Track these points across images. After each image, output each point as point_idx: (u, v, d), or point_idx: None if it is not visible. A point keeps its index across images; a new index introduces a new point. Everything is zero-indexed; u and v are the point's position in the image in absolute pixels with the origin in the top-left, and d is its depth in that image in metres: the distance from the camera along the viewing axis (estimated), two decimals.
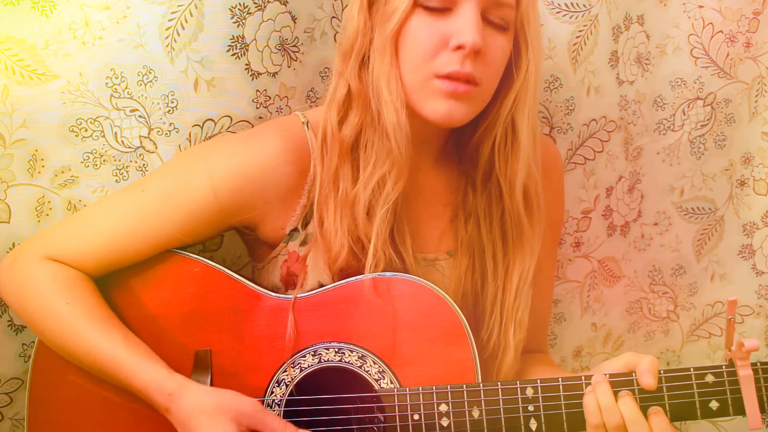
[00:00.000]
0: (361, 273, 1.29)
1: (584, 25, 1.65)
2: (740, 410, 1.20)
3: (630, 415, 1.17)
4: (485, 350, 1.35)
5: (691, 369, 1.22)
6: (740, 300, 1.89)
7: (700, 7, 1.75)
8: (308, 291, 1.32)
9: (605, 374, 1.21)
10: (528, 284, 1.38)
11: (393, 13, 1.23)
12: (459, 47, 1.22)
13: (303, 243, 1.34)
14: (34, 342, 1.34)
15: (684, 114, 1.80)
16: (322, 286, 1.32)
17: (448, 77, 1.23)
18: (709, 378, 1.21)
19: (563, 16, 1.64)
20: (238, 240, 1.51)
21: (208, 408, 1.22)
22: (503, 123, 1.32)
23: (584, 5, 1.64)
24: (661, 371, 1.21)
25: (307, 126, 1.35)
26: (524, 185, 1.34)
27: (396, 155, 1.27)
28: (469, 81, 1.24)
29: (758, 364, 1.21)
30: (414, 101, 1.27)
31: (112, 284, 1.33)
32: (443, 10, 1.23)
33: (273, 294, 1.31)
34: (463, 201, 1.40)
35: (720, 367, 1.22)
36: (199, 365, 1.29)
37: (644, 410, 1.19)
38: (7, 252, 1.39)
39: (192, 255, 1.33)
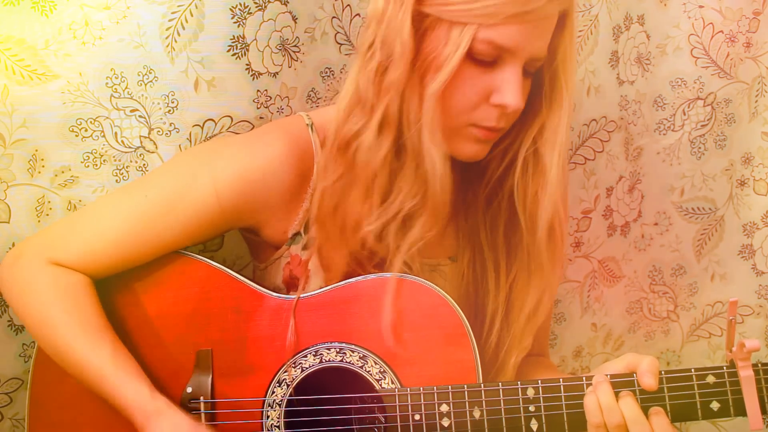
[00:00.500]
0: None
1: (584, 25, 1.65)
2: (741, 411, 1.20)
3: (631, 414, 1.17)
4: (486, 353, 1.35)
5: (692, 370, 1.21)
6: (740, 300, 1.89)
7: (701, 7, 1.75)
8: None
9: (606, 375, 1.20)
10: (540, 317, 1.37)
11: (444, 62, 1.19)
12: (501, 106, 1.22)
13: (305, 247, 1.34)
14: (34, 342, 1.33)
15: (684, 114, 1.80)
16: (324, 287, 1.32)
17: (485, 128, 1.25)
18: (710, 379, 1.21)
19: None
20: (238, 240, 1.50)
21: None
22: (526, 151, 1.30)
23: (584, 5, 1.64)
24: (662, 372, 1.21)
25: (312, 128, 1.34)
26: (550, 221, 1.32)
27: (438, 205, 1.26)
28: (498, 131, 1.27)
29: (759, 364, 1.21)
30: (444, 139, 1.25)
31: (114, 284, 1.33)
32: (490, 63, 1.22)
33: (275, 294, 1.31)
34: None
35: (721, 367, 1.22)
36: (200, 365, 1.29)
37: (645, 411, 1.19)
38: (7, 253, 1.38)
39: (194, 255, 1.33)
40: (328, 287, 1.30)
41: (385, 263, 1.29)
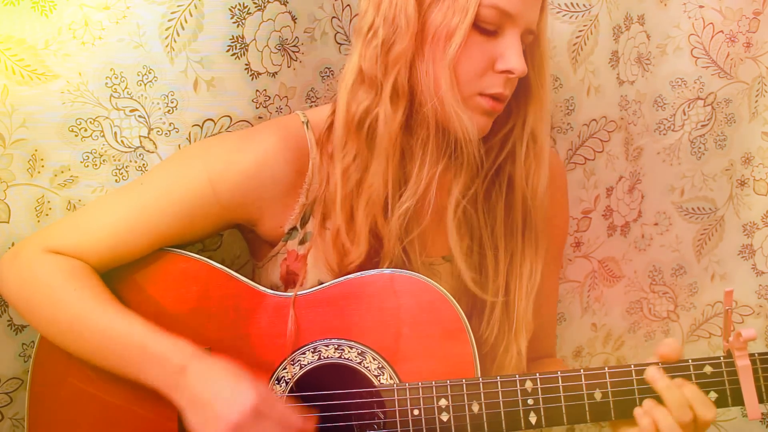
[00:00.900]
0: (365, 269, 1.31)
1: (584, 25, 1.65)
2: (739, 401, 1.21)
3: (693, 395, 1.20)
4: (485, 345, 1.36)
5: (690, 361, 1.22)
6: (740, 300, 1.89)
7: (701, 7, 1.75)
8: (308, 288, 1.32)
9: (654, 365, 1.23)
10: (535, 289, 1.40)
11: (454, 31, 1.25)
12: (507, 71, 1.26)
13: (302, 242, 1.35)
14: (34, 342, 1.33)
15: (684, 114, 1.80)
16: (321, 283, 1.32)
17: (491, 96, 1.28)
18: (708, 369, 1.22)
19: (563, 16, 1.64)
20: (237, 239, 1.51)
21: (229, 368, 1.21)
22: (525, 134, 1.36)
23: (584, 5, 1.64)
24: (660, 364, 1.23)
25: (307, 126, 1.35)
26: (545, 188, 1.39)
27: (473, 163, 1.31)
28: (502, 100, 1.30)
29: (756, 355, 1.22)
30: None
31: (112, 283, 1.32)
32: (493, 33, 1.27)
33: (273, 292, 1.32)
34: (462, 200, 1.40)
35: (718, 358, 1.23)
36: None
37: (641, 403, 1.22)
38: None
39: (192, 254, 1.33)
40: (326, 284, 1.31)
41: (385, 256, 1.31)
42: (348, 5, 1.56)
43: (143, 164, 1.42)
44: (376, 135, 1.28)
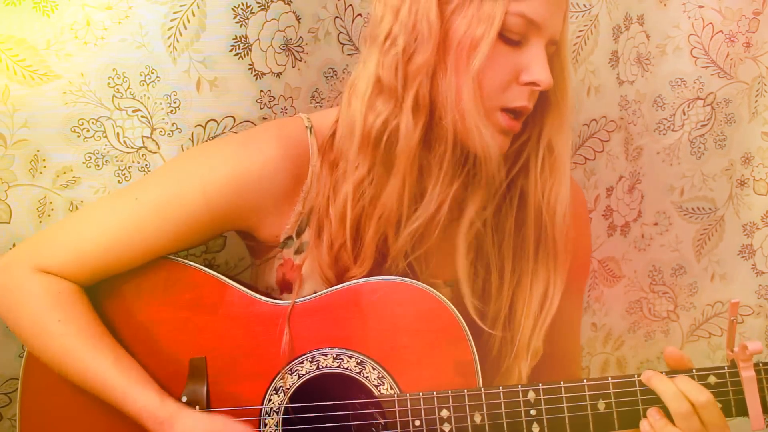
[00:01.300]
0: None
1: (584, 25, 1.65)
2: (743, 411, 1.20)
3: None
4: (489, 356, 1.34)
5: (694, 370, 1.21)
6: (740, 300, 1.89)
7: (700, 7, 1.76)
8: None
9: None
10: (550, 317, 1.35)
11: (479, 41, 1.19)
12: (533, 83, 1.22)
13: (297, 251, 1.33)
14: None
15: (684, 114, 1.80)
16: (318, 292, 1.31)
17: (513, 111, 1.24)
18: (712, 379, 1.21)
19: None
20: (240, 242, 1.50)
21: (213, 424, 1.21)
22: (541, 146, 1.30)
23: (584, 5, 1.64)
24: (664, 372, 1.22)
25: (311, 131, 1.32)
26: (564, 209, 1.32)
27: (492, 182, 1.26)
28: (523, 115, 1.26)
29: (760, 365, 1.21)
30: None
31: (104, 292, 1.31)
32: (517, 43, 1.22)
33: (269, 300, 1.29)
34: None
35: (722, 368, 1.22)
36: (194, 373, 1.27)
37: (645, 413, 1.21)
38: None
39: (187, 261, 1.31)
40: (323, 292, 1.29)
41: (388, 272, 1.29)
42: (350, 5, 1.55)
43: (146, 165, 1.42)
44: (393, 149, 1.23)
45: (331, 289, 1.29)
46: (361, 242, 1.27)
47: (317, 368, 1.27)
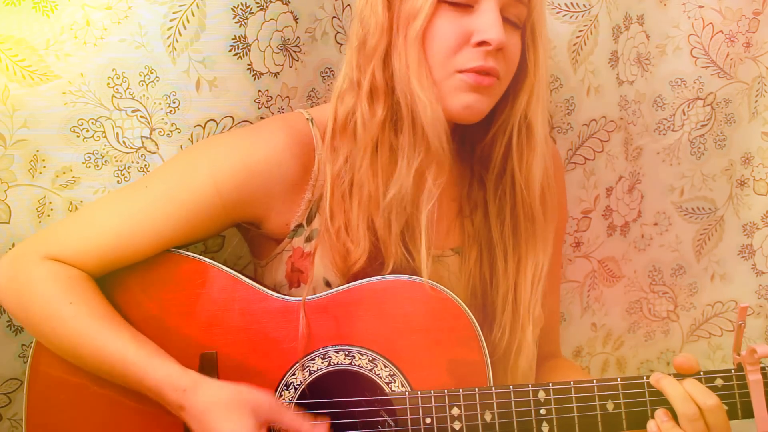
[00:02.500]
0: (369, 273, 1.29)
1: (584, 25, 1.65)
2: (749, 414, 1.21)
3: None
4: (497, 349, 1.35)
5: (701, 373, 1.22)
6: (740, 300, 1.90)
7: (700, 7, 1.76)
8: (314, 288, 1.31)
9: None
10: (543, 280, 1.38)
11: (419, 9, 1.24)
12: (483, 43, 1.24)
13: (308, 239, 1.34)
14: (33, 342, 1.32)
15: (684, 114, 1.80)
16: (328, 283, 1.32)
17: (472, 72, 1.25)
18: (719, 382, 1.22)
19: (563, 16, 1.64)
20: (239, 241, 1.50)
21: (224, 402, 1.20)
22: (519, 120, 1.33)
23: (584, 5, 1.64)
24: (671, 375, 1.23)
25: (312, 123, 1.35)
26: (542, 182, 1.36)
27: (437, 149, 1.27)
28: (492, 74, 1.26)
29: (767, 368, 1.22)
30: (438, 96, 1.27)
31: (114, 285, 1.31)
32: (465, 7, 1.25)
33: (281, 296, 1.30)
34: (468, 195, 1.40)
35: (729, 371, 1.22)
36: (205, 368, 1.27)
37: (652, 415, 1.21)
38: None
39: (198, 256, 1.32)
40: (335, 289, 1.30)
41: (387, 254, 1.30)
42: (348, 5, 1.56)
43: (145, 165, 1.42)
44: (358, 134, 1.29)
45: (343, 287, 1.30)
46: (351, 225, 1.30)
47: (329, 365, 1.27)
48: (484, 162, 1.39)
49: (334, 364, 1.27)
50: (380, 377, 1.26)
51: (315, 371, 1.28)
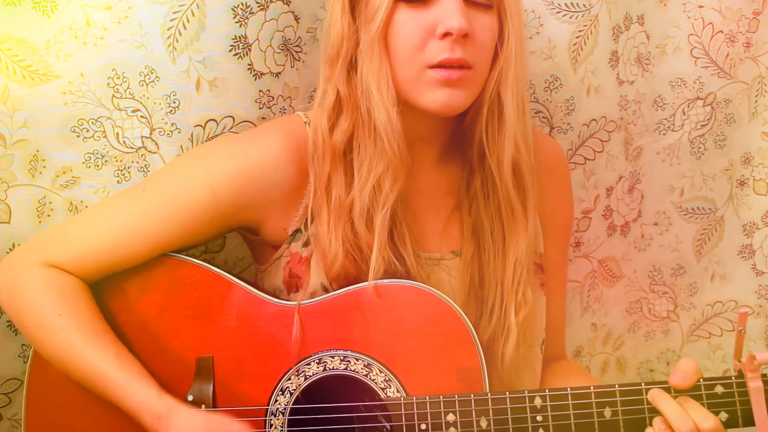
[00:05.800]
0: (360, 278, 1.29)
1: (584, 25, 1.65)
2: (750, 421, 1.20)
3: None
4: (485, 333, 1.33)
5: (701, 380, 1.21)
6: (740, 300, 1.90)
7: (700, 7, 1.75)
8: (310, 293, 1.31)
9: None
10: (525, 265, 1.35)
11: (376, 11, 1.23)
12: (446, 34, 1.22)
13: (306, 244, 1.33)
14: None
15: (684, 114, 1.80)
16: (324, 287, 1.31)
17: (441, 65, 1.23)
18: (719, 389, 1.21)
19: (563, 16, 1.63)
20: (240, 242, 1.50)
21: (209, 422, 1.22)
22: (489, 99, 1.30)
23: (584, 5, 1.64)
24: (667, 386, 1.22)
25: (309, 126, 1.34)
26: (513, 161, 1.32)
27: (390, 155, 1.26)
28: (462, 66, 1.24)
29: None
30: (410, 96, 1.26)
31: (110, 289, 1.31)
32: (424, 1, 1.23)
33: (276, 300, 1.30)
34: (466, 188, 1.39)
35: (729, 378, 1.21)
36: (200, 372, 1.28)
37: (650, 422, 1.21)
38: (7, 254, 1.38)
39: (194, 260, 1.32)
40: (331, 294, 1.29)
41: (376, 259, 1.29)
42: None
43: (145, 165, 1.42)
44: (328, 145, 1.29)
45: (338, 291, 1.29)
46: (330, 232, 1.30)
47: (324, 370, 1.27)
48: (469, 145, 1.37)
49: (330, 369, 1.27)
50: (375, 383, 1.26)
51: (310, 376, 1.27)
